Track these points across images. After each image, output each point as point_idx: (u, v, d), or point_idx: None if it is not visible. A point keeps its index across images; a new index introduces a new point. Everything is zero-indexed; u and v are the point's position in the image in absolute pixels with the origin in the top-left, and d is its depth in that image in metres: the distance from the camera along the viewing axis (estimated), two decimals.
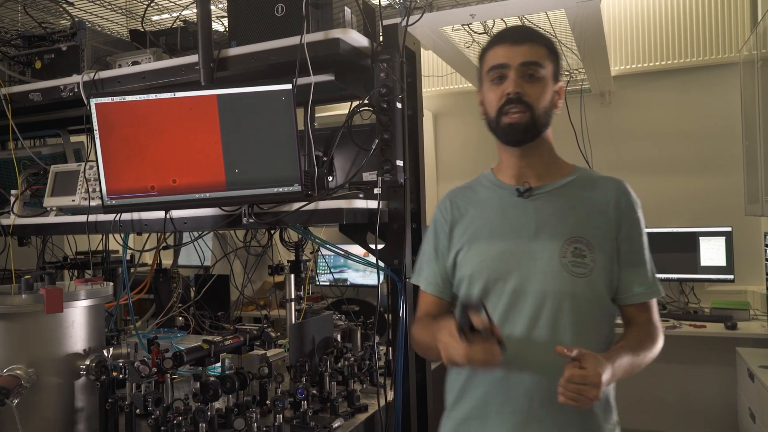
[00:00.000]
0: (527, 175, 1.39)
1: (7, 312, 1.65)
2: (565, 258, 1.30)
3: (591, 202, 1.35)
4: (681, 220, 4.02)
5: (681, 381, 3.98)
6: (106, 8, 2.73)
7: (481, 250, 1.37)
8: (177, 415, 1.61)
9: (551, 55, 1.36)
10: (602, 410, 1.33)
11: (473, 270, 1.37)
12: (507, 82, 1.31)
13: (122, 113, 1.80)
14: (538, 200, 1.36)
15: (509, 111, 1.31)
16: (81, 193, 2.16)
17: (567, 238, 1.31)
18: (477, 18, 2.64)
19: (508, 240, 1.35)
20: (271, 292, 4.03)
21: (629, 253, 1.34)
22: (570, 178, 1.39)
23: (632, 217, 1.35)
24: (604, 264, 1.31)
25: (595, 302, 1.31)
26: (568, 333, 1.29)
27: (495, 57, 1.34)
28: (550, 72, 1.35)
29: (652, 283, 1.35)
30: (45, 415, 1.66)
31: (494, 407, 1.32)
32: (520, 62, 1.31)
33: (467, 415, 1.37)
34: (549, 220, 1.33)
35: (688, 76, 4.06)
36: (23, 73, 2.41)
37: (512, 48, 1.32)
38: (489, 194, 1.43)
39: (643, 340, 1.32)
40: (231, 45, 1.93)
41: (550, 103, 1.35)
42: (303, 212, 1.79)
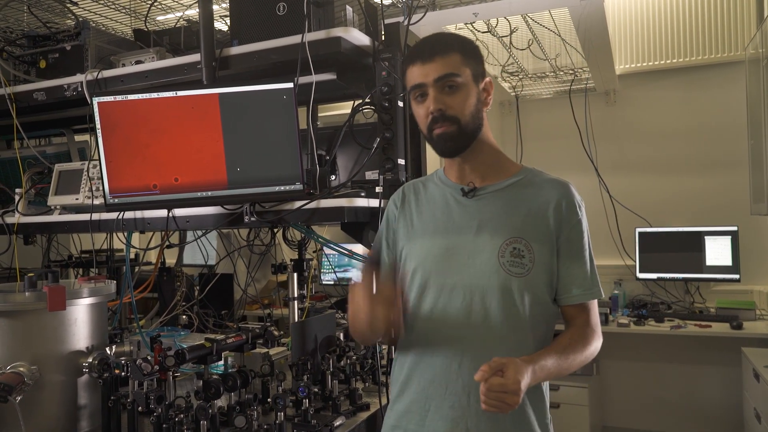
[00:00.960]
0: (472, 177, 1.42)
1: (10, 309, 1.66)
2: (503, 257, 1.32)
3: (533, 204, 1.37)
4: (686, 219, 4.01)
5: (686, 381, 3.97)
6: (110, 8, 2.74)
7: (424, 245, 1.41)
8: (179, 412, 1.61)
9: (467, 59, 1.36)
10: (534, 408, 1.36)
11: (416, 264, 1.40)
12: (428, 100, 1.34)
13: (125, 112, 1.81)
14: (481, 200, 1.39)
15: (436, 127, 1.34)
16: (84, 191, 2.17)
17: (506, 238, 1.33)
18: (480, 17, 2.64)
19: (450, 237, 1.38)
20: (274, 291, 4.04)
21: (568, 255, 1.36)
22: (515, 179, 1.41)
23: (573, 219, 1.36)
24: (542, 265, 1.33)
25: (531, 301, 1.33)
26: (503, 330, 1.32)
27: (412, 77, 1.37)
28: (470, 76, 1.35)
29: (591, 285, 1.37)
30: (48, 413, 1.67)
31: (434, 401, 1.35)
32: (434, 78, 1.32)
33: (408, 408, 1.39)
34: (490, 220, 1.36)
35: (693, 75, 4.04)
36: (28, 72, 2.42)
37: (424, 66, 1.34)
38: (437, 191, 1.47)
39: (573, 342, 1.33)
40: (233, 44, 1.94)
41: (475, 107, 1.36)
42: (304, 211, 1.79)
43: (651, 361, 4.04)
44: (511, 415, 1.29)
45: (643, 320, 3.61)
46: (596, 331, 1.38)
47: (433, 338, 1.36)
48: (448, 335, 1.34)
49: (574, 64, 3.79)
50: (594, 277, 1.38)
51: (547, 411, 1.40)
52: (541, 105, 4.45)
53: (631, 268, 4.02)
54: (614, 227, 4.10)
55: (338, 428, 1.75)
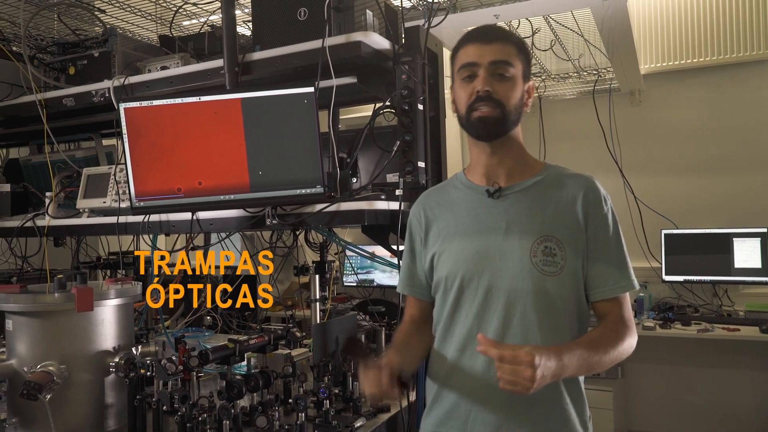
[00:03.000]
0: (497, 174, 1.41)
1: (40, 310, 1.71)
2: (535, 257, 1.32)
3: (559, 201, 1.36)
4: (714, 221, 3.93)
5: (713, 386, 3.90)
6: (137, 15, 2.80)
7: (454, 251, 1.40)
8: (202, 412, 1.64)
9: (521, 54, 1.38)
10: (574, 404, 1.35)
11: (448, 271, 1.40)
12: (477, 80, 1.34)
13: (150, 117, 1.85)
14: (507, 200, 1.39)
15: (479, 107, 1.33)
16: (112, 195, 2.22)
17: (537, 237, 1.33)
18: (501, 18, 2.63)
19: (480, 240, 1.37)
20: (297, 293, 4.07)
21: (597, 249, 1.35)
22: (539, 177, 1.40)
23: (599, 213, 1.35)
24: (574, 262, 1.33)
25: (566, 300, 1.33)
26: (540, 330, 1.31)
27: (465, 56, 1.37)
28: (520, 71, 1.37)
29: (622, 278, 1.35)
30: (76, 411, 1.71)
31: (474, 405, 1.34)
32: (489, 61, 1.33)
33: (447, 413, 1.39)
34: (519, 220, 1.36)
35: (720, 74, 3.97)
36: (58, 79, 2.48)
37: (482, 47, 1.34)
38: (460, 195, 1.45)
39: (604, 337, 1.31)
40: (255, 49, 1.97)
41: (519, 101, 1.37)
42: (325, 213, 1.81)
43: (677, 364, 3.98)
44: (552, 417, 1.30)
45: (670, 323, 3.56)
46: (629, 327, 1.35)
47: (472, 343, 1.34)
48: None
49: (598, 64, 3.75)
50: (624, 269, 1.36)
51: (587, 407, 1.39)
52: (565, 106, 4.41)
53: (656, 271, 3.96)
54: (639, 229, 4.05)
55: (359, 429, 1.76)
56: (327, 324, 2.09)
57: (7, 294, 1.73)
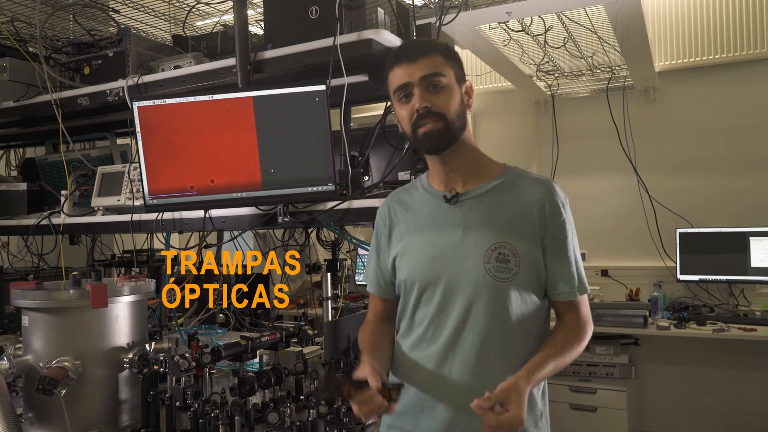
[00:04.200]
0: (454, 180, 1.42)
1: (56, 306, 1.73)
2: (489, 264, 1.34)
3: (516, 206, 1.38)
4: (729, 219, 3.89)
5: (729, 386, 3.85)
6: (151, 15, 2.82)
7: (413, 255, 1.43)
8: (214, 408, 1.66)
9: (450, 61, 1.39)
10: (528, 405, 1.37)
11: (407, 275, 1.43)
12: (414, 99, 1.35)
13: (163, 116, 1.87)
14: (464, 206, 1.40)
15: (422, 123, 1.35)
16: (126, 193, 2.24)
17: (491, 244, 1.35)
18: (513, 15, 2.63)
19: (437, 246, 1.40)
20: (309, 291, 4.08)
21: (554, 256, 1.37)
22: (497, 181, 1.42)
23: (557, 219, 1.37)
24: (529, 266, 1.35)
25: (521, 305, 1.35)
26: (494, 334, 1.35)
27: (396, 78, 1.38)
28: (453, 77, 1.38)
29: (577, 282, 1.39)
30: (90, 406, 1.73)
31: (427, 403, 1.38)
32: (419, 77, 1.34)
33: (402, 409, 1.41)
34: (475, 225, 1.37)
35: (736, 71, 3.92)
36: (73, 78, 2.51)
37: (410, 66, 1.36)
38: (421, 200, 1.47)
39: (568, 344, 1.36)
40: (267, 48, 1.97)
41: (460, 107, 1.38)
42: (336, 211, 1.81)
43: (692, 365, 3.94)
44: None
45: (684, 323, 3.53)
46: (588, 323, 1.41)
47: (426, 343, 1.39)
48: (441, 339, 1.37)
49: (612, 61, 3.72)
50: (580, 274, 1.40)
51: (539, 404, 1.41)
52: (578, 104, 4.38)
53: (671, 270, 3.93)
54: (654, 228, 4.02)
55: (369, 426, 1.76)
56: (339, 322, 2.10)
57: (24, 291, 1.76)
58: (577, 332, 1.39)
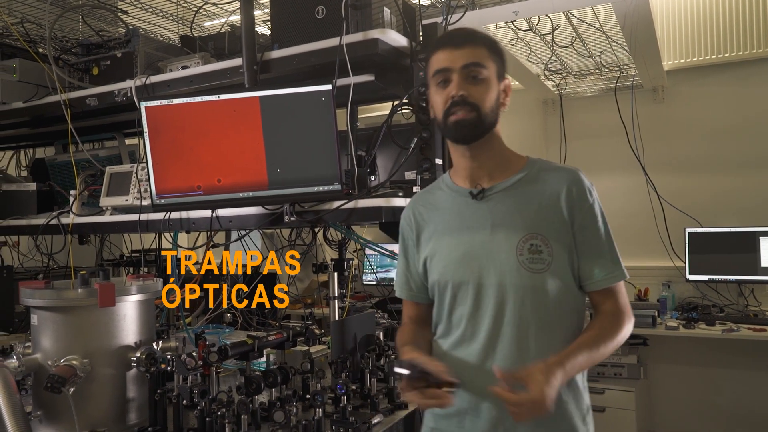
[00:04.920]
0: (479, 176, 1.42)
1: (64, 305, 1.74)
2: (521, 256, 1.33)
3: (543, 197, 1.37)
4: (739, 219, 3.86)
5: (738, 387, 3.82)
6: (159, 16, 2.84)
7: (444, 254, 1.42)
8: (221, 406, 1.66)
9: (493, 55, 1.38)
10: (572, 396, 1.36)
11: (439, 276, 1.42)
12: (451, 86, 1.35)
13: (170, 116, 1.88)
14: (491, 201, 1.39)
15: (455, 111, 1.34)
16: (134, 193, 2.25)
17: (522, 236, 1.34)
18: (520, 15, 2.62)
19: (467, 243, 1.39)
20: (317, 291, 4.09)
21: (586, 241, 1.35)
22: (521, 174, 1.41)
23: (584, 205, 1.36)
24: (562, 256, 1.33)
25: (557, 296, 1.34)
26: (533, 328, 1.33)
27: (438, 62, 1.37)
28: (494, 71, 1.37)
29: (613, 268, 1.36)
30: (98, 404, 1.74)
31: (471, 403, 1.37)
32: (461, 65, 1.34)
33: (444, 412, 1.40)
34: (503, 219, 1.36)
35: (745, 70, 3.90)
36: (82, 79, 2.53)
37: (453, 51, 1.35)
38: (446, 198, 1.47)
39: (603, 332, 1.34)
40: (274, 48, 1.98)
41: (495, 102, 1.38)
42: (342, 210, 1.82)
43: (701, 365, 3.92)
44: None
45: (693, 323, 3.50)
46: (626, 313, 1.37)
47: (466, 341, 1.38)
48: (480, 337, 1.36)
49: (620, 60, 3.71)
50: (615, 259, 1.37)
51: (585, 399, 1.40)
52: (586, 103, 4.36)
53: (680, 270, 3.91)
54: (663, 228, 3.99)
55: (376, 426, 1.76)
56: (345, 321, 2.10)
57: (32, 290, 1.77)
58: (614, 322, 1.35)
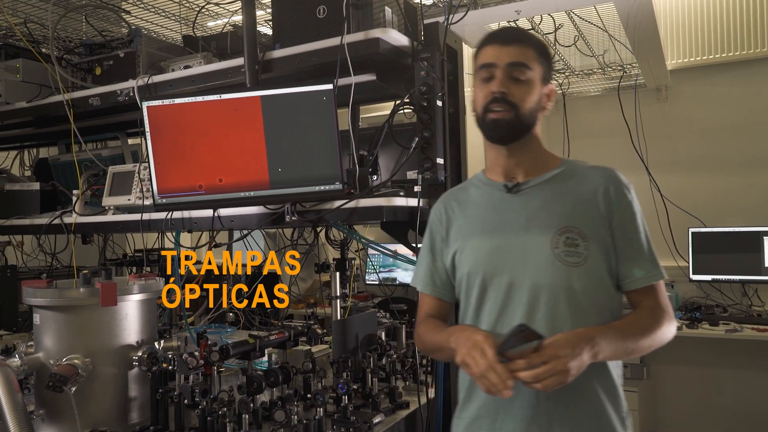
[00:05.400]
0: (515, 173, 1.41)
1: (66, 305, 1.75)
2: (557, 248, 1.31)
3: (579, 192, 1.36)
4: (743, 219, 3.85)
5: (742, 387, 3.81)
6: (161, 16, 2.84)
7: (475, 247, 1.40)
8: (222, 406, 1.66)
9: (540, 57, 1.38)
10: (610, 399, 1.32)
11: (470, 268, 1.40)
12: (493, 82, 1.34)
13: (172, 115, 1.88)
14: (525, 195, 1.39)
15: (494, 109, 1.34)
16: (136, 192, 2.26)
17: (558, 229, 1.32)
18: (523, 14, 2.61)
19: (500, 236, 1.37)
20: (319, 290, 4.09)
21: (624, 240, 1.33)
22: (557, 170, 1.40)
23: (623, 203, 1.34)
24: (598, 253, 1.31)
25: (593, 290, 1.31)
26: (567, 323, 1.29)
27: (484, 56, 1.38)
28: (539, 74, 1.37)
29: (652, 267, 1.34)
30: (100, 403, 1.74)
31: (503, 403, 1.33)
32: (507, 62, 1.34)
33: (477, 413, 1.38)
34: (538, 213, 1.35)
35: (749, 69, 3.88)
36: (84, 79, 2.53)
37: (500, 48, 1.35)
38: (479, 193, 1.46)
39: (639, 319, 1.31)
40: (275, 47, 1.98)
41: (536, 105, 1.37)
42: (343, 210, 1.81)
43: (705, 365, 3.90)
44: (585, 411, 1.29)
45: (697, 323, 3.49)
46: (667, 312, 1.33)
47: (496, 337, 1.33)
48: None
49: (623, 59, 3.70)
50: (653, 259, 1.35)
51: (623, 402, 1.36)
52: (589, 102, 4.35)
53: (684, 270, 3.89)
54: (666, 227, 3.98)
55: (377, 425, 1.76)
56: (347, 321, 2.10)
57: (35, 289, 1.78)
58: (652, 315, 1.31)
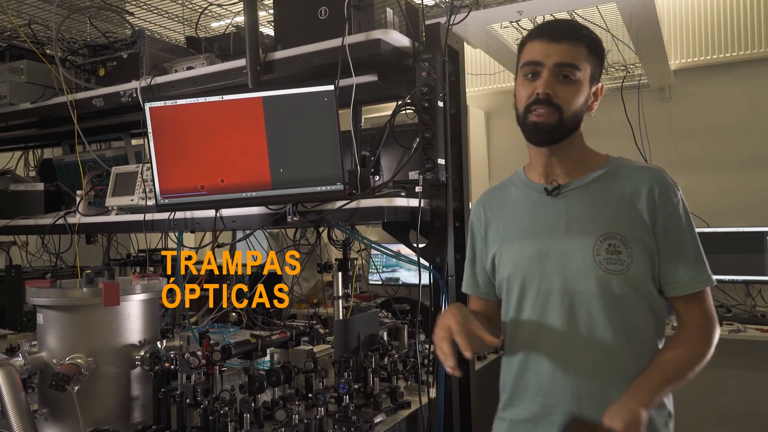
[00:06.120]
0: (556, 173, 1.37)
1: (69, 304, 1.76)
2: (599, 255, 1.27)
3: (622, 196, 1.30)
4: (747, 219, 3.84)
5: (745, 388, 3.80)
6: (164, 17, 2.85)
7: (515, 251, 1.38)
8: (224, 405, 1.67)
9: (591, 55, 1.31)
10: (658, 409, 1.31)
11: (509, 272, 1.38)
12: (539, 81, 1.28)
13: (174, 116, 1.89)
14: (567, 197, 1.35)
15: (537, 110, 1.29)
16: (139, 193, 2.27)
17: (600, 235, 1.28)
18: (525, 14, 2.62)
19: (541, 240, 1.34)
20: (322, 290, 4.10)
21: (668, 244, 1.28)
22: (600, 171, 1.35)
23: (669, 206, 1.29)
24: (642, 259, 1.27)
25: (635, 298, 1.28)
26: (608, 331, 1.27)
27: (531, 52, 1.31)
28: (588, 74, 1.31)
29: (699, 273, 1.28)
30: (103, 403, 1.76)
31: (545, 408, 1.32)
32: (555, 62, 1.28)
33: (518, 416, 1.38)
34: (580, 218, 1.31)
35: (753, 69, 3.87)
36: (88, 80, 2.55)
37: (550, 45, 1.28)
38: (519, 194, 1.43)
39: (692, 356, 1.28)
40: (277, 48, 1.99)
41: (582, 106, 1.32)
42: (345, 210, 1.82)
43: (708, 366, 3.83)
44: None
45: None
46: (713, 323, 1.31)
47: (537, 345, 1.33)
48: (551, 341, 1.31)
49: (626, 60, 3.69)
50: (700, 263, 1.29)
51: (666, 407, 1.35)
52: None
53: None
54: None
55: (378, 425, 1.77)
56: (348, 321, 2.11)
57: (38, 288, 1.79)
58: (703, 337, 1.29)
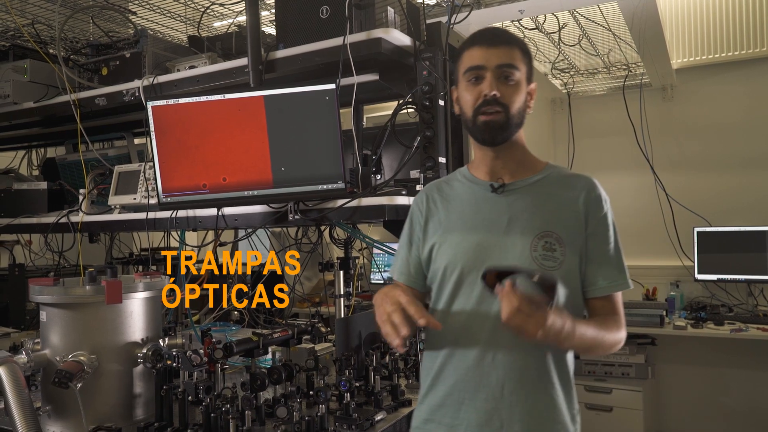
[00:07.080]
0: (501, 173, 1.43)
1: (72, 302, 1.77)
2: (535, 251, 1.34)
3: (561, 199, 1.39)
4: (749, 218, 3.84)
5: (747, 387, 3.80)
6: (167, 16, 2.86)
7: (455, 242, 1.42)
8: (225, 402, 1.68)
9: (524, 57, 1.40)
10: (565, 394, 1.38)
11: (448, 261, 1.41)
12: (484, 83, 1.36)
13: (176, 115, 1.90)
14: (510, 196, 1.41)
15: (486, 111, 1.36)
16: (141, 191, 2.28)
17: (538, 233, 1.35)
18: (526, 14, 2.61)
19: (481, 233, 1.39)
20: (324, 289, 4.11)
21: (595, 248, 1.38)
22: (542, 175, 1.43)
23: (599, 213, 1.38)
24: (573, 259, 1.35)
25: (566, 295, 1.35)
26: None
27: (471, 58, 1.38)
28: (524, 74, 1.39)
29: (617, 276, 1.38)
30: (105, 400, 1.77)
31: (467, 394, 1.37)
32: (496, 64, 1.35)
33: (440, 401, 1.41)
34: (521, 215, 1.38)
35: (755, 68, 3.87)
36: (91, 79, 2.56)
37: (489, 50, 1.36)
38: (464, 189, 1.48)
39: (603, 323, 1.36)
40: (279, 48, 2.00)
41: (523, 104, 1.40)
42: (346, 209, 1.83)
43: (709, 365, 3.89)
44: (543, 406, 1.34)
45: (702, 323, 3.49)
46: (621, 323, 1.39)
47: (467, 333, 1.38)
48: (482, 329, 1.36)
49: (628, 59, 3.69)
50: (621, 269, 1.39)
51: (575, 399, 1.42)
52: (594, 102, 4.35)
53: (689, 269, 3.89)
54: (671, 227, 3.97)
55: (379, 423, 1.77)
56: (350, 319, 2.12)
57: (41, 287, 1.80)
58: (612, 321, 1.37)
